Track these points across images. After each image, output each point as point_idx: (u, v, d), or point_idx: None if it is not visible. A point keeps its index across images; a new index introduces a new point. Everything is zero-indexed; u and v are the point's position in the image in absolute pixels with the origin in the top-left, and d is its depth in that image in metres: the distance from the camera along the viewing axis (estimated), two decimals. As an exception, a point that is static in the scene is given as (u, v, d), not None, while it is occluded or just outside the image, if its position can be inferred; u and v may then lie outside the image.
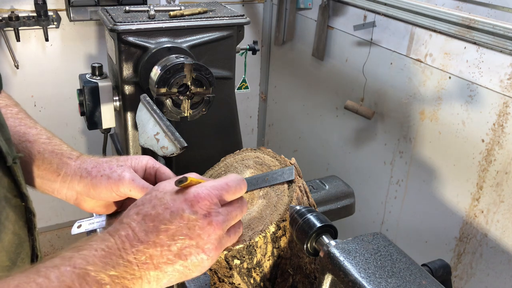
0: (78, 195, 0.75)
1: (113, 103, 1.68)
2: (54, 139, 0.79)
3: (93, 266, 0.52)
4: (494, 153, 1.60)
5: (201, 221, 0.59)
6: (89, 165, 0.74)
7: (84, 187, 0.73)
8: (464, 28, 1.60)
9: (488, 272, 1.69)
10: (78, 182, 0.73)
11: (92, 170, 0.73)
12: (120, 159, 0.75)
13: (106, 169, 0.73)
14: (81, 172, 0.73)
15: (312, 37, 2.42)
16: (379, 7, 1.93)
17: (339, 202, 1.01)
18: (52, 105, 2.42)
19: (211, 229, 0.59)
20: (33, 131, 0.78)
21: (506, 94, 1.53)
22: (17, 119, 0.79)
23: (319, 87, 2.51)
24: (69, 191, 0.75)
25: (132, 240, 0.56)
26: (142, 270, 0.56)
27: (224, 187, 0.62)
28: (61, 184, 0.75)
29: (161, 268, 0.57)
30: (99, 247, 0.55)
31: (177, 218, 0.58)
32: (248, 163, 0.82)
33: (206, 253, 0.59)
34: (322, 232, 0.67)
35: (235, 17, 1.68)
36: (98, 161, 0.75)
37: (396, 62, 1.96)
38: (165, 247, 0.57)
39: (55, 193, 0.76)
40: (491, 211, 1.64)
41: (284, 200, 0.72)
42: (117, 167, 0.73)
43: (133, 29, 1.54)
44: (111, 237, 0.57)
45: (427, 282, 0.58)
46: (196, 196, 0.60)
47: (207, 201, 0.60)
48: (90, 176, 0.73)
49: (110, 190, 0.72)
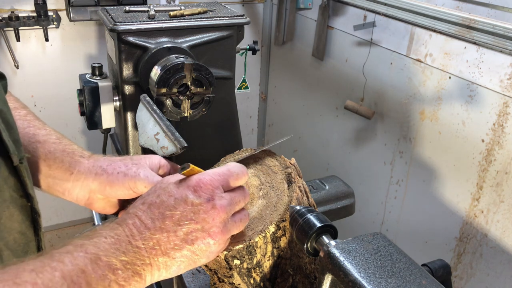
0: (91, 194, 0.75)
1: (113, 103, 1.68)
2: (64, 139, 0.80)
3: (104, 252, 0.53)
4: (494, 153, 1.60)
5: (205, 205, 0.60)
6: (103, 163, 0.75)
7: (100, 184, 0.73)
8: (464, 28, 1.60)
9: (488, 272, 1.69)
10: (92, 180, 0.74)
11: (107, 167, 0.74)
12: (134, 158, 0.76)
13: (121, 166, 0.74)
14: (96, 170, 0.74)
15: (312, 37, 2.42)
16: (379, 7, 1.93)
17: (339, 202, 1.01)
18: (52, 105, 2.42)
19: (215, 212, 0.60)
20: (42, 132, 0.79)
21: (506, 94, 1.53)
22: (26, 120, 0.80)
23: (319, 87, 2.51)
24: (82, 190, 0.75)
25: (139, 227, 0.58)
26: (151, 256, 0.57)
27: (226, 173, 0.63)
28: (73, 183, 0.75)
29: (169, 254, 0.58)
30: (108, 235, 0.56)
31: (181, 203, 0.60)
32: (247, 163, 0.82)
33: (212, 237, 0.60)
34: (322, 232, 0.67)
35: (235, 17, 1.68)
36: (112, 159, 0.76)
37: (396, 62, 1.96)
38: (171, 233, 0.58)
39: (66, 194, 0.76)
40: (491, 211, 1.64)
41: (284, 200, 0.72)
42: (132, 165, 0.74)
43: (133, 29, 1.54)
44: (119, 226, 0.58)
45: (427, 282, 0.58)
46: (198, 182, 0.61)
47: (210, 186, 0.61)
48: (106, 173, 0.73)
49: (127, 187, 0.72)
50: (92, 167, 0.75)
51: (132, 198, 0.74)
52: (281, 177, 0.76)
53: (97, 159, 0.76)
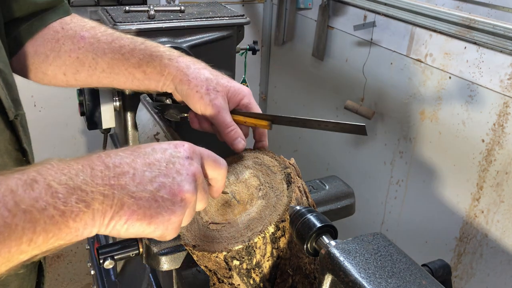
0: None
1: (113, 103, 1.68)
2: (147, 42, 0.86)
3: (44, 175, 0.46)
4: (494, 153, 1.60)
5: (182, 160, 0.56)
6: (190, 73, 0.78)
7: (180, 90, 0.79)
8: (464, 28, 1.60)
9: (488, 272, 1.69)
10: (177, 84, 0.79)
11: (191, 80, 0.77)
12: (221, 82, 0.79)
13: (203, 87, 0.76)
14: (181, 77, 0.78)
15: (312, 37, 2.42)
16: (379, 7, 1.93)
17: (339, 202, 1.01)
18: (52, 105, 2.42)
19: (191, 168, 0.56)
20: (127, 42, 0.84)
21: (506, 94, 1.52)
22: (109, 35, 0.85)
23: (319, 87, 2.50)
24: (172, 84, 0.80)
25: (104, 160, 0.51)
26: (106, 186, 0.49)
27: (207, 153, 0.63)
28: (164, 82, 0.80)
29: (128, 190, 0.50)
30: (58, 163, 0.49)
31: (158, 152, 0.56)
32: (247, 163, 0.82)
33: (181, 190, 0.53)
34: (322, 232, 0.66)
35: (235, 17, 1.68)
36: (199, 73, 0.78)
37: (396, 62, 1.96)
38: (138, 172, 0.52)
39: (159, 88, 0.81)
40: (491, 211, 1.64)
41: (283, 200, 0.72)
42: (213, 90, 0.77)
43: (133, 29, 1.54)
44: (79, 158, 0.51)
45: (427, 282, 0.58)
46: (181, 142, 0.60)
47: (192, 148, 0.59)
48: (187, 86, 0.77)
49: (199, 109, 0.77)
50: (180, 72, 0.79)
51: None
52: (281, 177, 0.76)
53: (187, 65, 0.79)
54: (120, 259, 0.87)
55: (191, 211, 0.57)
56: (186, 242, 0.73)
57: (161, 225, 0.52)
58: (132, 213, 0.50)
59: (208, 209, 0.77)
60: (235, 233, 0.70)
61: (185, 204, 0.54)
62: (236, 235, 0.70)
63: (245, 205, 0.75)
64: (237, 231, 0.70)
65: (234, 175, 0.80)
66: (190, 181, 0.55)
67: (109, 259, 0.85)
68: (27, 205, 0.43)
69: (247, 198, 0.75)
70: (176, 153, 0.57)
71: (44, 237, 0.44)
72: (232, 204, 0.76)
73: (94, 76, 0.85)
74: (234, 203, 0.76)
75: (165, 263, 0.87)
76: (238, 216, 0.73)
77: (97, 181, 0.48)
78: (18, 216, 0.42)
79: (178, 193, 0.53)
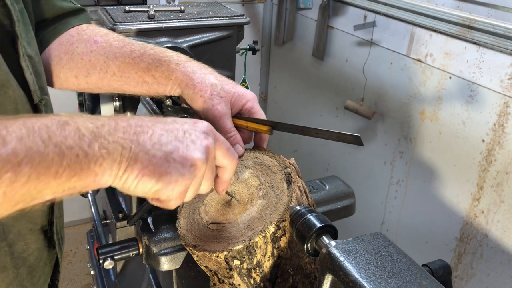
0: None
1: (113, 103, 1.68)
2: (156, 48, 0.86)
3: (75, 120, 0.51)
4: (495, 153, 1.60)
5: (199, 133, 0.59)
6: (196, 78, 0.79)
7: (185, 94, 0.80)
8: (465, 28, 1.60)
9: (489, 273, 1.69)
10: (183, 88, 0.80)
11: (196, 85, 0.78)
12: (226, 87, 0.79)
13: (207, 91, 0.77)
14: (187, 81, 0.79)
15: (312, 37, 2.42)
16: (379, 7, 1.93)
17: (339, 202, 1.01)
18: (52, 105, 2.42)
19: (205, 142, 0.59)
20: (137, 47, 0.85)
21: (507, 94, 1.52)
22: (120, 41, 0.87)
23: (319, 87, 2.50)
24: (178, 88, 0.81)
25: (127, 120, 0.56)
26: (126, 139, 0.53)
27: (222, 139, 0.64)
28: (172, 86, 0.81)
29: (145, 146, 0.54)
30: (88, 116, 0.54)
31: (178, 123, 0.59)
32: (247, 163, 0.82)
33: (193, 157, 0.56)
34: (322, 232, 0.66)
35: (235, 17, 1.68)
36: (205, 78, 0.79)
37: (396, 62, 1.96)
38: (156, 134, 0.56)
39: (167, 92, 0.83)
40: (492, 211, 1.64)
41: (283, 200, 0.72)
42: (216, 95, 0.77)
43: (133, 29, 1.54)
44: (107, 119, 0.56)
45: (427, 283, 0.58)
46: (201, 120, 0.62)
47: (210, 127, 0.61)
48: (193, 90, 0.78)
49: (201, 113, 0.78)
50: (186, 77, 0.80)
51: None
52: (281, 177, 0.76)
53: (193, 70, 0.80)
54: (120, 259, 0.87)
55: (197, 183, 0.59)
56: (187, 242, 0.73)
57: (169, 185, 0.55)
58: (144, 168, 0.54)
59: (208, 209, 0.77)
60: (235, 233, 0.70)
61: (194, 170, 0.57)
62: (237, 234, 0.70)
63: (246, 205, 0.75)
64: (237, 231, 0.70)
65: (234, 175, 0.80)
66: (202, 151, 0.58)
67: (109, 259, 0.85)
68: (57, 140, 0.49)
69: (247, 198, 0.75)
70: (194, 127, 0.60)
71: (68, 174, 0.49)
72: (233, 204, 0.76)
73: (105, 80, 0.86)
74: (235, 203, 0.76)
75: (165, 263, 0.87)
76: (238, 216, 0.73)
77: (118, 134, 0.53)
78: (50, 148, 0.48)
79: (190, 158, 0.56)
